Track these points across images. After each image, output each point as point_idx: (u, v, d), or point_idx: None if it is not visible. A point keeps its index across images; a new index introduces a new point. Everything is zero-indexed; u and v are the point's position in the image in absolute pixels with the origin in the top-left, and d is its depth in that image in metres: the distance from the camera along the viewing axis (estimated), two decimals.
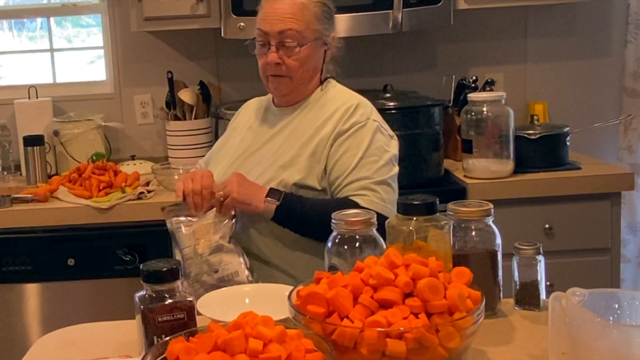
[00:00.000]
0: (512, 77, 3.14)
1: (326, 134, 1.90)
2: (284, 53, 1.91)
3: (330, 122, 1.92)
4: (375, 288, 1.20)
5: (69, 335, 1.52)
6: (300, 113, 1.98)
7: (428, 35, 3.09)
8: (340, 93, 2.01)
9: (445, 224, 1.40)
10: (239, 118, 2.15)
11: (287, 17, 1.90)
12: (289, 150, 1.92)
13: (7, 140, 2.98)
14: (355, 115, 1.92)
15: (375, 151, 1.89)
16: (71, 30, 3.32)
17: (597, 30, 3.13)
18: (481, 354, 1.31)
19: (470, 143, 2.55)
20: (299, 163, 1.89)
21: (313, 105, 1.98)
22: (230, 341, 1.06)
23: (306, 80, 1.97)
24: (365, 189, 1.84)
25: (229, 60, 3.11)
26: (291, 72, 1.93)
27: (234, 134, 2.11)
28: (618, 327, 1.15)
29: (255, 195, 1.84)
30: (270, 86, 1.99)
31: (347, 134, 1.89)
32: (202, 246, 1.83)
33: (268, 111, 2.07)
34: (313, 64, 1.96)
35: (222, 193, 1.84)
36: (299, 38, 1.90)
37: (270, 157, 1.94)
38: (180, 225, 1.87)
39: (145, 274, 1.27)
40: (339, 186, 1.87)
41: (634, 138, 3.08)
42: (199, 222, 1.85)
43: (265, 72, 1.96)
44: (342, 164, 1.87)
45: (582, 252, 2.57)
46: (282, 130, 1.98)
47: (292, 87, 1.96)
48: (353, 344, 1.14)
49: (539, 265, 1.46)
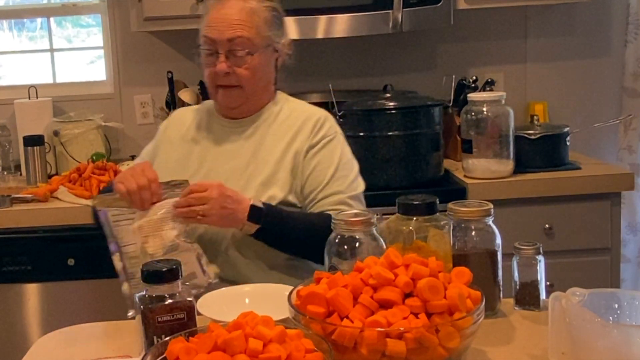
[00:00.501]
0: (512, 77, 3.14)
1: (299, 148, 1.85)
2: (234, 62, 1.81)
3: (300, 135, 1.87)
4: (375, 288, 1.20)
5: (69, 335, 1.52)
6: (261, 126, 1.90)
7: (428, 35, 3.09)
8: (300, 105, 1.96)
9: (445, 224, 1.40)
10: (171, 129, 1.99)
11: (236, 24, 1.80)
12: (264, 166, 1.84)
13: (7, 140, 2.98)
14: (324, 128, 1.89)
15: (346, 165, 1.89)
16: (71, 30, 3.32)
17: (597, 30, 3.13)
18: (481, 354, 1.31)
19: (470, 143, 2.55)
20: (280, 180, 1.83)
21: (273, 118, 1.91)
22: (230, 341, 1.06)
23: (259, 90, 1.88)
24: (341, 204, 1.82)
25: None
26: (242, 81, 1.83)
27: (168, 146, 1.96)
28: (618, 327, 1.15)
29: (236, 217, 1.70)
30: (219, 98, 1.88)
31: (318, 147, 1.86)
32: (153, 245, 1.65)
33: (214, 123, 1.94)
34: (265, 72, 1.88)
35: (199, 209, 1.66)
36: (250, 46, 1.81)
37: (242, 173, 1.85)
38: (120, 219, 1.68)
39: (145, 274, 1.27)
40: (314, 200, 1.83)
41: (634, 138, 3.08)
42: (146, 217, 1.67)
43: (214, 82, 1.85)
44: (316, 177, 1.83)
45: (582, 252, 2.56)
46: (244, 144, 1.88)
47: (244, 98, 1.86)
48: (353, 344, 1.14)
49: (539, 265, 1.47)
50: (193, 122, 1.97)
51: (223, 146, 1.90)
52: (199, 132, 1.95)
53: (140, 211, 1.68)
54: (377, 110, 2.54)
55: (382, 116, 2.52)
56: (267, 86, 1.91)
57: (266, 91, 1.92)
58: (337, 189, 1.83)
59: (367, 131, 2.54)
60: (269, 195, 1.80)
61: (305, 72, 3.10)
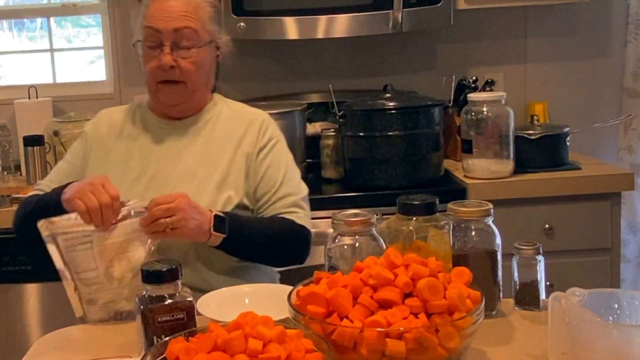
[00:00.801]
0: (512, 77, 3.14)
1: (249, 150, 1.83)
2: (179, 55, 1.76)
3: (248, 137, 1.84)
4: (375, 288, 1.20)
5: (69, 335, 1.52)
6: (204, 127, 1.85)
7: (428, 35, 3.09)
8: (240, 106, 1.94)
9: (445, 224, 1.40)
10: (101, 130, 1.88)
11: (182, 15, 1.76)
12: (216, 168, 1.80)
13: (7, 140, 2.98)
14: (269, 130, 1.87)
15: (292, 167, 1.89)
16: (71, 30, 3.32)
17: (597, 30, 3.13)
18: (481, 354, 1.31)
19: (470, 143, 2.55)
20: (233, 182, 1.79)
21: (215, 119, 1.87)
22: (230, 341, 1.06)
23: (201, 87, 1.83)
24: (295, 206, 1.82)
25: (229, 60, 3.10)
26: (186, 76, 1.77)
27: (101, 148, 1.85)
28: (618, 327, 1.15)
29: (203, 229, 1.63)
30: (160, 95, 1.81)
31: (267, 149, 1.84)
32: (119, 269, 1.53)
33: (150, 123, 1.87)
34: (207, 68, 1.83)
35: (168, 221, 1.56)
36: (196, 38, 1.77)
37: (193, 177, 1.78)
38: (74, 244, 1.52)
39: (145, 274, 1.27)
40: (267, 203, 1.81)
41: (634, 138, 3.08)
42: (109, 239, 1.53)
43: (156, 77, 1.78)
44: (268, 180, 1.82)
45: (582, 252, 2.56)
46: (189, 146, 1.83)
47: (187, 95, 1.81)
48: (353, 344, 1.14)
49: (539, 265, 1.46)
50: (127, 122, 1.89)
51: (165, 148, 1.83)
52: (136, 131, 1.87)
53: (97, 233, 1.52)
54: (377, 110, 2.54)
55: (382, 116, 2.52)
56: (207, 84, 1.87)
57: (207, 90, 1.88)
58: (288, 191, 1.83)
59: (367, 131, 2.54)
60: (226, 198, 1.77)
61: (305, 72, 3.10)
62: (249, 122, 1.87)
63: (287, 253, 1.82)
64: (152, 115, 1.88)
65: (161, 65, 1.75)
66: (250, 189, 1.82)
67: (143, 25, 1.79)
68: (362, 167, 2.57)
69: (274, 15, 2.67)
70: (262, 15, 2.67)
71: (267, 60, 3.11)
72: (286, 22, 2.67)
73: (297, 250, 1.82)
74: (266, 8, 2.67)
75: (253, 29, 2.68)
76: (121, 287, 1.54)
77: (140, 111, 1.91)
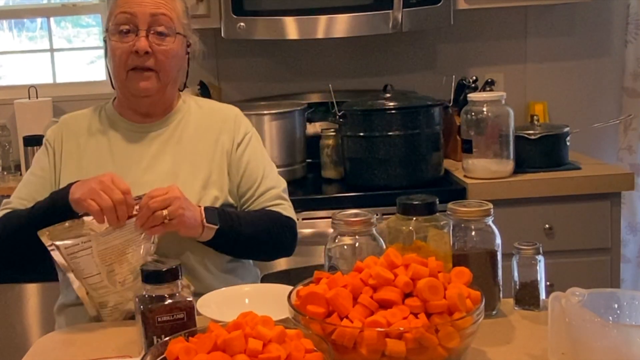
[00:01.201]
0: (512, 77, 3.14)
1: (228, 147, 1.80)
2: (154, 41, 1.70)
3: (224, 133, 1.81)
4: (375, 288, 1.20)
5: (69, 335, 1.52)
6: (177, 127, 1.80)
7: (428, 35, 3.09)
8: (210, 103, 1.91)
9: (445, 224, 1.40)
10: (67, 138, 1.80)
11: (158, 2, 1.71)
12: (197, 168, 1.76)
13: (7, 140, 2.98)
14: (243, 124, 1.86)
15: (269, 160, 1.88)
16: (71, 30, 3.32)
17: (597, 30, 3.13)
18: (481, 354, 1.31)
19: (470, 143, 2.55)
20: (216, 181, 1.76)
21: (186, 118, 1.82)
22: (230, 341, 1.06)
23: (171, 81, 1.77)
24: (279, 198, 1.82)
25: (229, 60, 3.11)
26: (159, 65, 1.71)
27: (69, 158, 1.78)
28: (618, 327, 1.15)
29: (196, 221, 1.60)
30: (131, 84, 1.73)
31: (244, 144, 1.82)
32: (120, 272, 1.51)
33: (119, 128, 1.80)
34: (179, 61, 1.77)
35: (165, 213, 1.52)
36: (171, 26, 1.72)
37: (175, 179, 1.72)
38: (75, 252, 1.51)
39: (145, 275, 1.27)
40: (252, 197, 1.80)
41: (634, 138, 3.08)
42: (105, 244, 1.51)
43: (127, 64, 1.71)
44: (250, 175, 1.80)
45: (582, 252, 2.56)
46: (165, 148, 1.78)
47: (158, 86, 1.73)
48: (353, 344, 1.14)
49: (539, 265, 1.46)
50: (93, 126, 1.82)
51: (140, 151, 1.77)
52: (105, 136, 1.80)
53: (94, 239, 1.51)
54: (377, 110, 2.54)
55: (382, 116, 2.52)
56: (176, 81, 1.81)
57: (175, 87, 1.82)
58: (270, 184, 1.82)
59: (367, 131, 2.54)
60: (212, 197, 1.74)
61: (305, 72, 3.10)
62: (222, 118, 1.84)
63: (277, 245, 1.81)
64: (120, 118, 1.82)
65: (136, 50, 1.69)
66: (233, 186, 1.80)
67: (116, 13, 1.73)
68: (362, 167, 2.57)
69: (274, 15, 2.67)
70: (262, 15, 2.67)
71: (267, 60, 3.11)
72: (286, 22, 2.67)
73: (286, 242, 1.82)
74: (266, 8, 2.67)
75: (253, 29, 2.68)
76: (125, 289, 1.53)
77: (106, 114, 1.84)
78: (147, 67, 1.71)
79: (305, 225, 2.45)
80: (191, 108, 1.86)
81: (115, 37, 1.73)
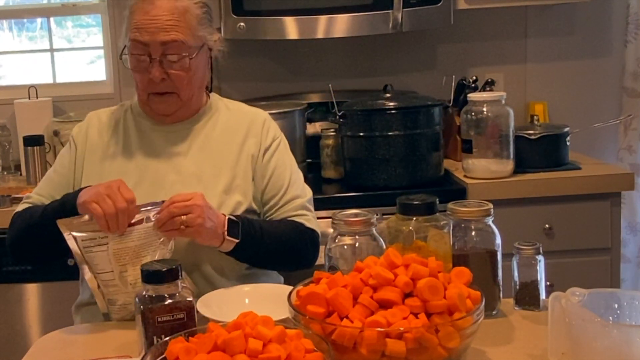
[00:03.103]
0: (512, 77, 3.14)
1: (254, 152, 1.78)
2: (169, 66, 1.68)
3: (250, 138, 1.79)
4: (375, 288, 1.20)
5: (69, 335, 1.52)
6: (202, 129, 1.79)
7: (428, 35, 3.09)
8: (239, 105, 1.89)
9: (445, 224, 1.40)
10: (92, 136, 1.81)
11: (168, 25, 1.67)
12: (221, 172, 1.74)
13: (7, 140, 2.98)
14: (272, 129, 1.83)
15: (296, 168, 1.85)
16: (71, 30, 3.32)
17: (597, 30, 3.13)
18: (481, 354, 1.31)
19: (470, 143, 2.55)
20: (240, 186, 1.74)
21: (214, 120, 1.81)
22: (230, 341, 1.06)
23: (195, 93, 1.76)
24: (303, 209, 1.79)
25: (229, 60, 3.08)
26: (178, 87, 1.71)
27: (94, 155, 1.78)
28: (618, 327, 1.15)
29: (216, 232, 1.58)
30: (152, 106, 1.75)
31: (271, 150, 1.80)
32: (133, 274, 1.52)
33: (144, 127, 1.81)
34: (200, 74, 1.76)
35: (184, 219, 1.52)
36: (185, 49, 1.68)
37: (198, 181, 1.72)
38: (91, 246, 1.52)
39: (145, 274, 1.27)
40: (276, 206, 1.77)
41: (634, 138, 3.08)
42: (121, 243, 1.52)
43: (147, 89, 1.72)
44: (275, 182, 1.77)
45: (582, 252, 2.56)
46: (189, 150, 1.77)
47: (180, 104, 1.74)
48: (353, 344, 1.14)
49: (539, 265, 1.47)
50: (118, 125, 1.82)
51: (164, 151, 1.77)
52: (129, 135, 1.80)
53: (113, 235, 1.52)
54: (377, 110, 2.54)
55: (382, 116, 2.52)
56: (201, 88, 1.81)
57: (201, 93, 1.81)
58: (295, 193, 1.79)
59: (367, 131, 2.54)
60: (235, 203, 1.72)
61: (305, 72, 3.10)
62: (250, 122, 1.82)
63: (298, 258, 1.78)
64: (145, 118, 1.81)
65: (152, 79, 1.69)
66: (258, 192, 1.77)
67: (129, 37, 1.71)
68: (362, 167, 2.57)
69: (274, 15, 2.67)
70: (262, 15, 2.67)
71: (267, 60, 3.11)
72: (286, 22, 2.67)
73: (307, 255, 1.79)
74: (266, 8, 2.67)
75: (253, 29, 2.68)
76: (135, 291, 1.48)
77: (132, 113, 1.83)
78: (165, 92, 1.72)
79: None
80: (220, 109, 1.84)
81: (133, 58, 1.71)
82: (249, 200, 1.75)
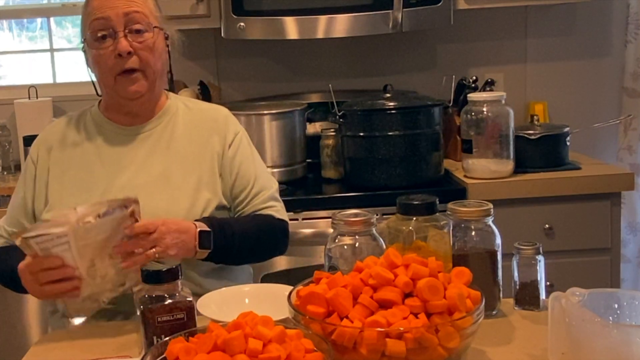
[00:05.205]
0: (512, 77, 3.14)
1: (218, 148, 1.78)
2: (134, 39, 1.68)
3: (214, 135, 1.79)
4: (375, 288, 1.20)
5: (69, 335, 1.52)
6: (165, 129, 1.78)
7: (428, 35, 3.10)
8: (197, 103, 1.89)
9: (445, 224, 1.40)
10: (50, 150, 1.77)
11: (129, 0, 1.69)
12: (189, 171, 1.74)
13: (7, 140, 2.98)
14: (232, 124, 1.84)
15: (260, 160, 1.87)
16: (71, 30, 3.32)
17: (597, 30, 3.13)
18: (481, 354, 1.31)
19: (470, 143, 2.55)
20: (209, 183, 1.75)
21: (176, 119, 1.80)
22: (230, 341, 1.06)
23: (157, 77, 1.74)
24: (271, 200, 1.81)
25: (229, 60, 3.11)
26: (143, 62, 1.69)
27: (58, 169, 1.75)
28: (618, 327, 1.15)
29: (188, 247, 1.59)
30: (120, 88, 1.71)
31: (235, 145, 1.80)
32: (102, 267, 1.48)
33: (106, 132, 1.78)
34: (161, 55, 1.75)
35: (154, 251, 1.52)
36: (146, 22, 1.70)
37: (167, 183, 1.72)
38: (49, 247, 1.43)
39: (145, 274, 1.27)
40: (245, 199, 1.79)
41: (634, 138, 3.08)
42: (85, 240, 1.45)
43: (113, 70, 1.69)
44: (243, 176, 1.79)
45: (582, 252, 2.56)
46: (154, 151, 1.76)
47: (147, 85, 1.71)
48: (353, 344, 1.14)
49: (539, 265, 1.46)
50: (78, 132, 1.79)
51: (129, 155, 1.75)
52: (91, 141, 1.78)
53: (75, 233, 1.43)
54: (377, 110, 2.54)
55: (382, 116, 2.52)
56: (163, 74, 1.79)
57: (163, 81, 1.80)
58: (263, 185, 1.81)
59: (367, 131, 2.54)
60: (206, 200, 1.72)
61: (305, 72, 3.10)
62: (212, 119, 1.82)
63: (271, 251, 1.84)
64: (107, 122, 1.79)
65: (118, 53, 1.67)
66: (227, 188, 1.79)
67: (90, 21, 1.70)
68: (362, 167, 2.57)
69: (274, 15, 2.67)
70: (262, 15, 2.67)
71: (267, 60, 3.11)
72: (286, 22, 2.67)
73: (279, 246, 1.84)
74: (266, 8, 2.67)
75: (253, 29, 2.68)
76: (104, 282, 1.50)
77: (92, 118, 1.81)
78: (133, 69, 1.70)
79: (305, 225, 2.45)
80: (179, 109, 1.83)
81: (95, 44, 1.70)
82: (219, 196, 1.76)
